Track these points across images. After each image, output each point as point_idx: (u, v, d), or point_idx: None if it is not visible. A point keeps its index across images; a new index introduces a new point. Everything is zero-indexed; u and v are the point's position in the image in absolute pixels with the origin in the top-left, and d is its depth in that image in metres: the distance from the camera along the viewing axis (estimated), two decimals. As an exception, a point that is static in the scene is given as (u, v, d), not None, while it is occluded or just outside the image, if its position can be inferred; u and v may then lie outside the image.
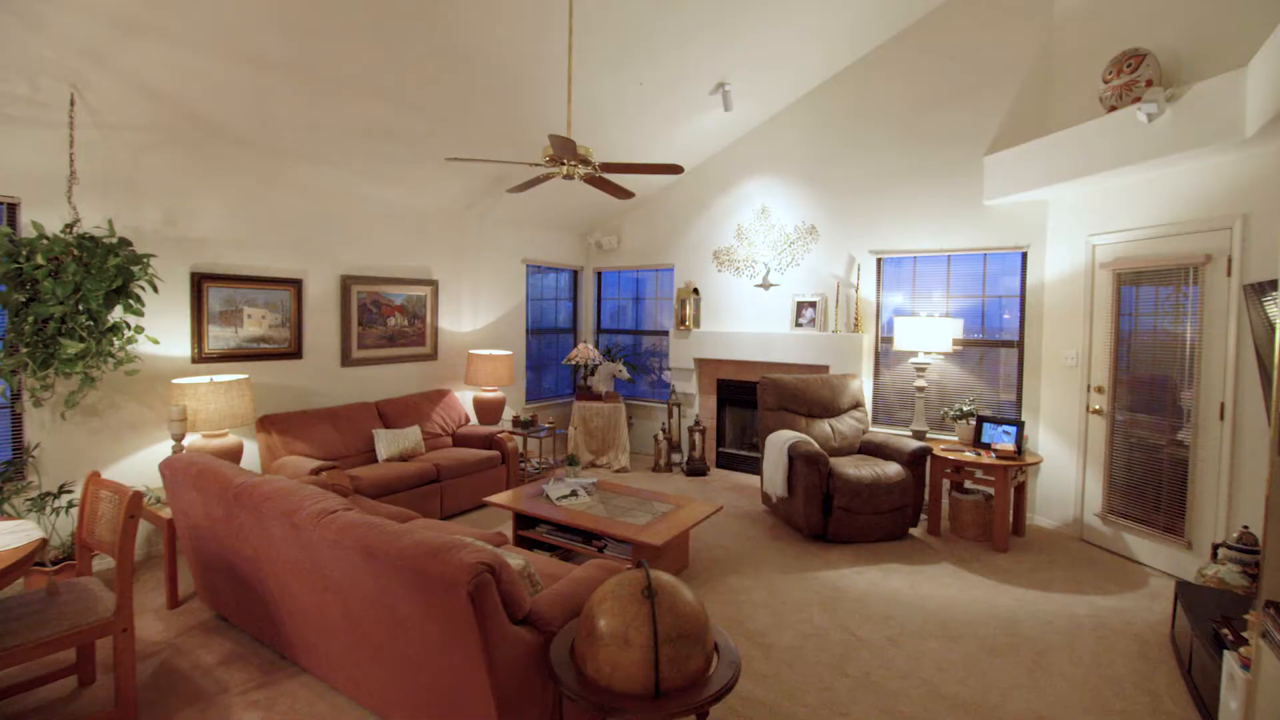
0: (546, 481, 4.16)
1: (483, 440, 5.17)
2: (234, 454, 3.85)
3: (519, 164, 3.36)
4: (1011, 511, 4.38)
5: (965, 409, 4.66)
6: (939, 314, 5.07)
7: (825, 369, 5.52)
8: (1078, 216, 4.42)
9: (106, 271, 3.17)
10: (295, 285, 4.56)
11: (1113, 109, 3.94)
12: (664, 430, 6.21)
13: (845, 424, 4.91)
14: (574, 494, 3.89)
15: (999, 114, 4.77)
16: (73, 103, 3.28)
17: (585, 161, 3.38)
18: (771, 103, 5.58)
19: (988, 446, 4.41)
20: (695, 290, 6.34)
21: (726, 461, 6.28)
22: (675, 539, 3.36)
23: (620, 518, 3.54)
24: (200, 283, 4.06)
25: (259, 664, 2.74)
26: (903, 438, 4.64)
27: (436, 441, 5.15)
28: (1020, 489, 4.42)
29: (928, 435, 4.96)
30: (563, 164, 3.37)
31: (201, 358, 4.09)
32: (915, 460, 4.33)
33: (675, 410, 6.36)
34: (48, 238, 3.10)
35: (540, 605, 2.03)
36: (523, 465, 5.66)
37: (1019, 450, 4.27)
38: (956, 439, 4.77)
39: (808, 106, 5.61)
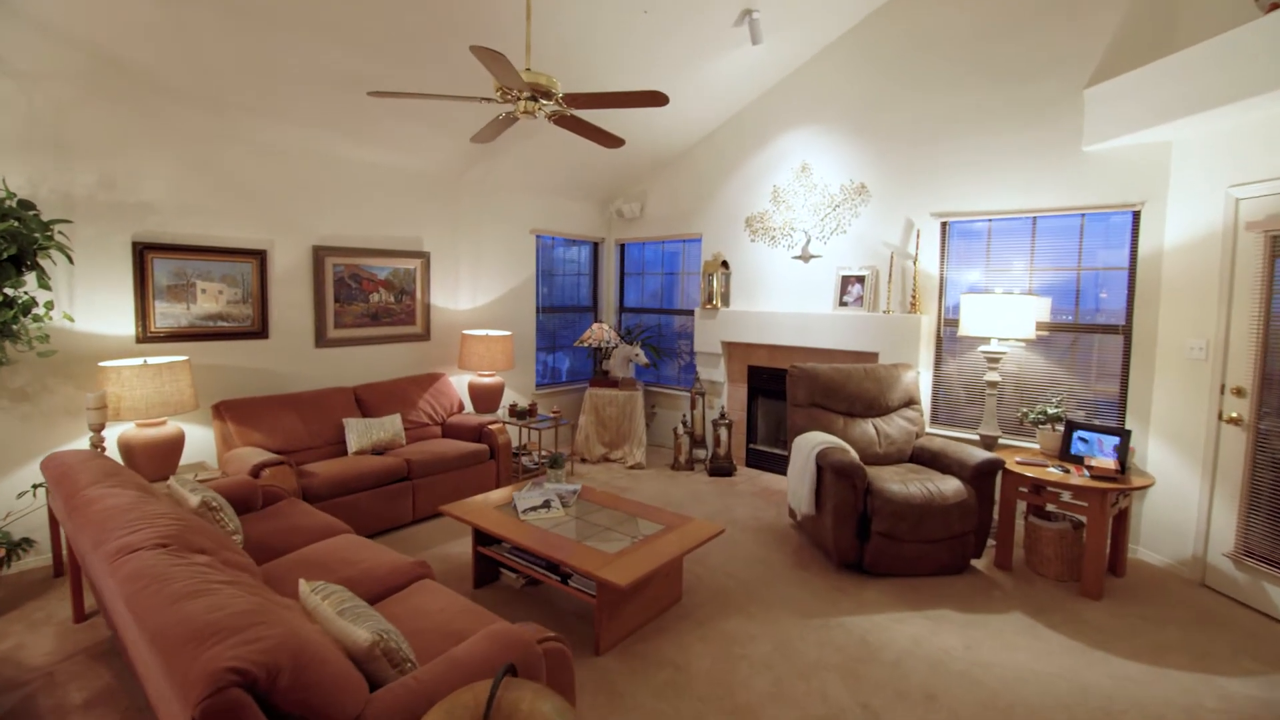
0: (524, 486, 3.54)
1: (472, 431, 4.61)
2: (172, 445, 3.42)
3: (458, 98, 2.67)
4: (1109, 544, 3.42)
5: (1051, 411, 3.69)
6: (1019, 291, 4.07)
7: (874, 357, 4.62)
8: (1213, 162, 3.33)
9: (-8, 237, 2.73)
10: (258, 256, 4.08)
11: (1274, 7, 2.86)
12: (685, 423, 5.47)
13: (894, 425, 4.03)
14: (546, 505, 3.25)
15: (1103, 34, 3.69)
16: None
17: (545, 94, 2.66)
18: (811, 39, 4.64)
19: (1079, 460, 3.45)
20: (724, 263, 5.52)
21: (757, 460, 5.49)
22: (657, 572, 2.65)
23: (590, 540, 2.87)
24: (143, 253, 3.63)
25: (122, 711, 2.25)
26: (967, 445, 3.72)
27: (423, 431, 4.63)
28: (1122, 516, 3.44)
29: (1000, 442, 4.01)
30: (518, 97, 2.67)
31: (147, 337, 3.68)
32: (981, 475, 3.43)
33: (700, 400, 5.60)
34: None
35: (378, 711, 1.38)
36: (522, 459, 5.08)
37: (1122, 467, 3.29)
38: (1038, 448, 3.81)
39: (855, 41, 4.64)
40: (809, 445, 3.63)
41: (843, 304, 4.81)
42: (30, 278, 3.01)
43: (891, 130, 4.53)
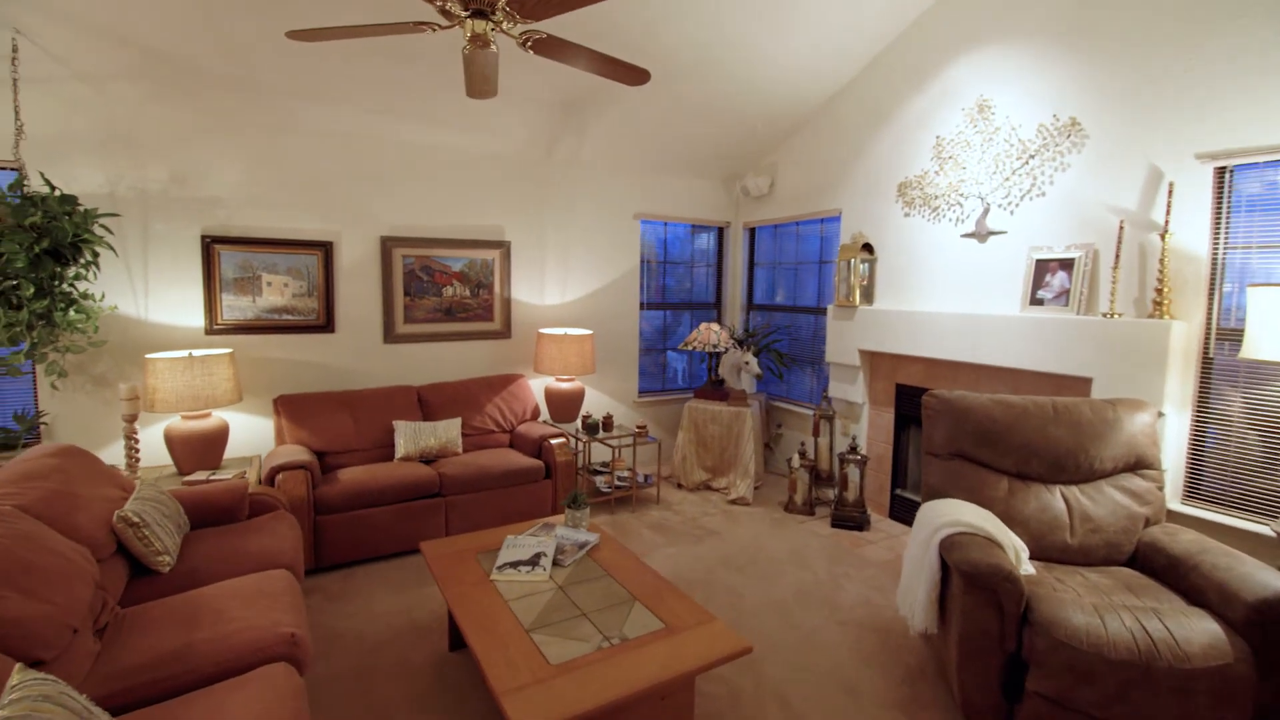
0: (531, 528, 2.82)
1: (533, 444, 4.03)
2: (213, 438, 3.37)
3: (387, 28, 2.01)
4: None
5: None
6: (1388, 282, 2.24)
7: (1084, 385, 3.02)
8: None
9: (21, 232, 2.78)
10: (323, 248, 3.94)
11: None
12: (803, 454, 4.27)
13: (1103, 501, 2.50)
14: (534, 562, 2.48)
15: None
16: (15, 49, 2.94)
17: (490, 2, 1.88)
18: (1003, -92, 3.15)
19: None
20: (866, 246, 4.18)
21: (904, 512, 4.09)
22: (601, 713, 1.73)
23: (547, 630, 2.03)
24: (210, 246, 3.65)
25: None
26: (1242, 555, 2.11)
27: (485, 439, 4.17)
28: None
29: (1325, 552, 2.26)
30: (455, 14, 1.93)
31: (214, 329, 3.71)
32: (1269, 621, 1.85)
33: (826, 426, 4.35)
34: (-18, 198, 2.83)
35: None
36: (596, 479, 4.37)
37: None
38: None
39: (1081, -101, 3.04)
40: (933, 524, 2.34)
41: (1036, 301, 3.25)
42: (82, 272, 3.08)
43: (1123, 29, 2.86)
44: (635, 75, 2.34)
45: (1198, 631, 1.90)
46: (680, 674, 1.85)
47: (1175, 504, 2.73)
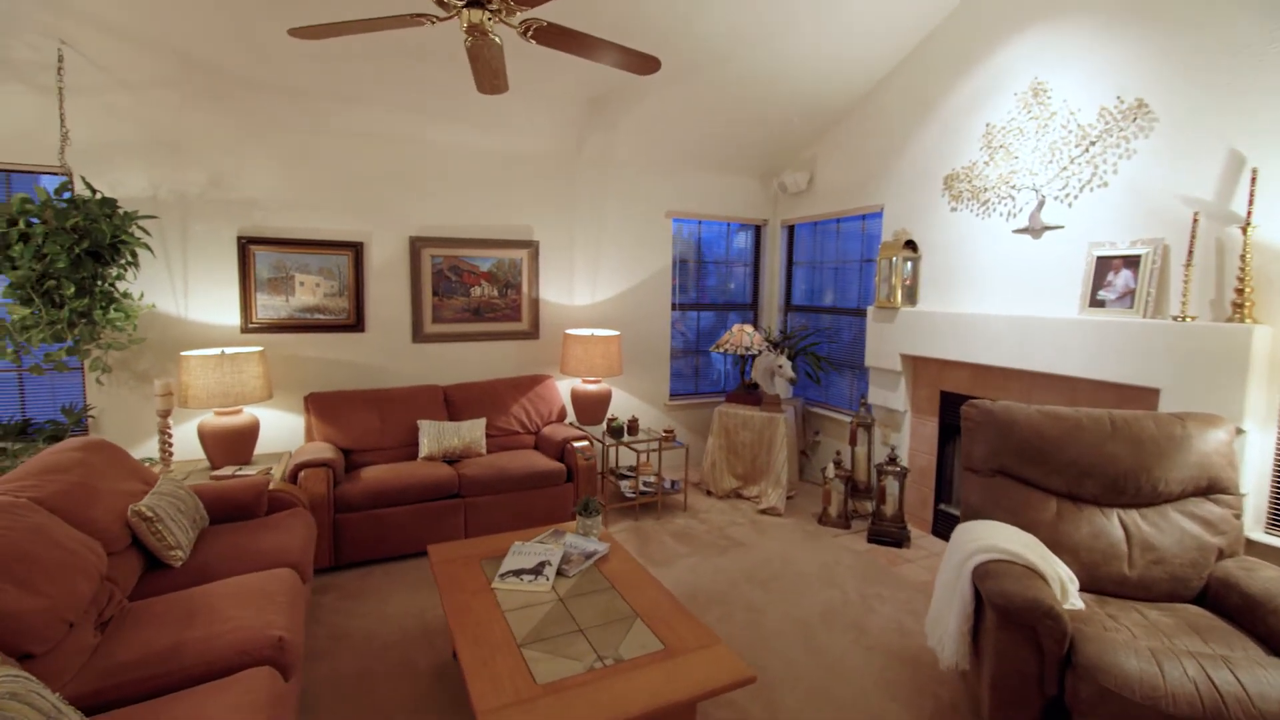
0: (540, 534, 2.75)
1: (556, 446, 3.96)
2: (244, 434, 3.44)
3: (385, 22, 1.96)
4: None
5: None
6: None
7: (1150, 396, 2.72)
8: None
9: (63, 233, 2.90)
10: (354, 249, 3.99)
11: None
12: (839, 464, 4.05)
13: (1168, 528, 2.22)
14: (537, 570, 2.40)
15: None
16: (60, 59, 3.07)
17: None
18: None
19: None
20: (909, 244, 3.93)
21: (950, 528, 3.81)
22: (594, 735, 1.62)
23: (540, 645, 1.95)
24: (246, 247, 3.74)
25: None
26: (1339, 598, 1.82)
27: (510, 440, 4.14)
28: None
29: None
30: (452, 3, 1.86)
31: (249, 327, 3.80)
32: (1370, 679, 1.58)
33: (863, 434, 4.12)
34: (32, 202, 2.96)
35: None
36: (621, 484, 4.27)
37: None
38: None
39: None
40: (967, 548, 2.13)
41: (1097, 303, 2.95)
42: (121, 271, 3.20)
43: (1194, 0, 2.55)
44: (645, 64, 2.22)
45: (1276, 686, 1.64)
46: (673, 702, 1.72)
47: (1256, 534, 2.41)
